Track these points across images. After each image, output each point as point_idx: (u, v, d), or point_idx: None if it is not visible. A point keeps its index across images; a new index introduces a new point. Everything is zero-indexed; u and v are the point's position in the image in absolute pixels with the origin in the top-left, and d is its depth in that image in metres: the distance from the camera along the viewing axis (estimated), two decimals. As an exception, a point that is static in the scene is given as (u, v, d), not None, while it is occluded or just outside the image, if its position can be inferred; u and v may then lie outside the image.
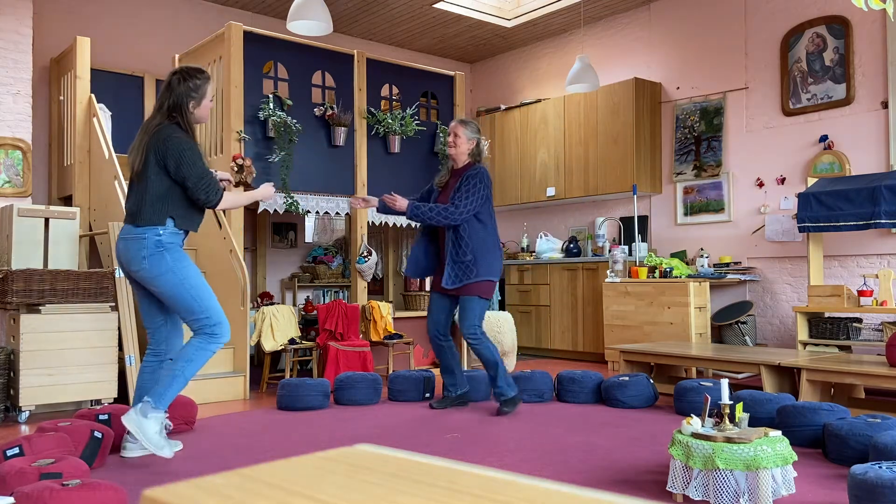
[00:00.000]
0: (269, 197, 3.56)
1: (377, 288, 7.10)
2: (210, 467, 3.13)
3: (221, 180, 3.47)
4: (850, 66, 5.73)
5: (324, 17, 5.01)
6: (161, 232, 3.14)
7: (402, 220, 6.08)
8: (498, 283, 4.56)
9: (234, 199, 3.42)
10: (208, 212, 5.24)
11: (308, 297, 7.16)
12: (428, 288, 7.12)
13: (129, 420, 3.06)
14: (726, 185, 6.49)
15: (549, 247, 7.34)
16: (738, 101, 6.46)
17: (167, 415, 3.26)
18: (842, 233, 5.51)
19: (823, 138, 5.86)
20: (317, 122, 5.55)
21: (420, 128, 6.05)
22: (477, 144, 4.30)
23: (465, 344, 6.15)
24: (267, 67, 5.49)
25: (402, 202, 4.19)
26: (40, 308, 4.21)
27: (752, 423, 3.27)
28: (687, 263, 6.43)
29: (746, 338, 5.87)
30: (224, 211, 5.16)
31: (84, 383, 4.28)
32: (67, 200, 5.89)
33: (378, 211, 4.43)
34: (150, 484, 2.85)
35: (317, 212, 5.60)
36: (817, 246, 5.41)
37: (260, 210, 5.36)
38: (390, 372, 5.43)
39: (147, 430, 3.05)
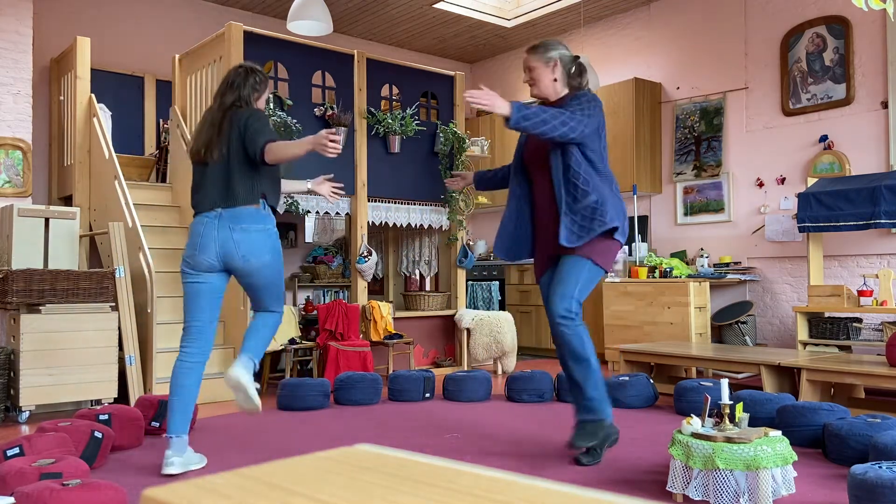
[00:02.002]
0: (320, 145, 2.99)
1: (377, 288, 7.10)
2: (210, 467, 3.13)
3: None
4: (850, 66, 5.73)
5: (324, 17, 5.01)
6: (270, 217, 3.13)
7: (402, 220, 6.08)
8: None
9: (282, 149, 3.00)
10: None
11: (308, 297, 7.15)
12: (428, 288, 7.12)
13: (239, 374, 3.01)
14: (726, 185, 6.49)
15: (549, 247, 7.33)
16: (738, 101, 6.46)
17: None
18: (842, 233, 5.51)
19: (823, 138, 5.86)
20: (317, 122, 5.55)
21: (420, 128, 6.05)
22: (564, 64, 3.16)
23: (464, 338, 6.14)
24: (267, 67, 5.49)
25: (498, 101, 2.86)
26: (40, 308, 4.21)
27: (752, 423, 3.26)
28: (687, 263, 6.43)
29: (746, 338, 5.87)
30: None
31: (84, 383, 4.28)
32: (67, 200, 5.89)
33: (477, 187, 3.67)
34: (150, 484, 2.85)
35: (317, 212, 5.60)
36: (817, 246, 5.41)
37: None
38: (390, 372, 5.43)
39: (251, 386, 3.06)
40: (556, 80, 3.15)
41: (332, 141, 2.94)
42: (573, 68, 3.18)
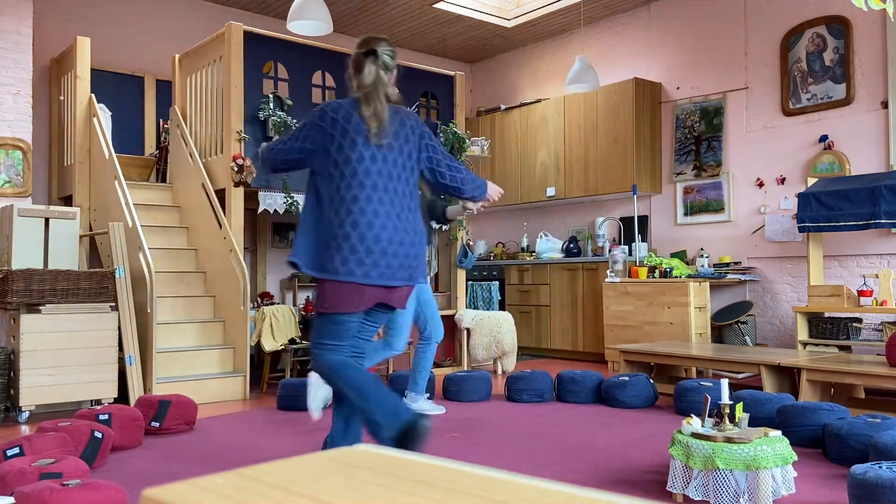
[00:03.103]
0: None
1: (377, 288, 7.09)
2: (210, 467, 3.13)
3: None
4: (850, 66, 5.73)
5: (324, 17, 5.01)
6: None
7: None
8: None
9: None
10: (209, 212, 5.24)
11: (308, 297, 7.15)
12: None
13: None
14: (726, 185, 6.48)
15: (550, 247, 7.34)
16: (738, 101, 6.46)
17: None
18: (842, 233, 5.51)
19: (823, 138, 5.86)
20: (317, 122, 5.55)
21: (420, 128, 6.05)
22: (353, 65, 2.76)
23: (464, 338, 6.14)
24: (267, 67, 5.49)
25: None
26: (40, 308, 4.21)
27: (752, 423, 3.27)
28: (687, 263, 6.43)
29: (746, 338, 5.87)
30: (224, 210, 5.16)
31: (84, 383, 4.28)
32: (67, 200, 5.89)
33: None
34: (150, 484, 2.85)
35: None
36: (817, 246, 5.41)
37: (260, 210, 5.36)
38: (390, 372, 5.43)
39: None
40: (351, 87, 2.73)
41: None
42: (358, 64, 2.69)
